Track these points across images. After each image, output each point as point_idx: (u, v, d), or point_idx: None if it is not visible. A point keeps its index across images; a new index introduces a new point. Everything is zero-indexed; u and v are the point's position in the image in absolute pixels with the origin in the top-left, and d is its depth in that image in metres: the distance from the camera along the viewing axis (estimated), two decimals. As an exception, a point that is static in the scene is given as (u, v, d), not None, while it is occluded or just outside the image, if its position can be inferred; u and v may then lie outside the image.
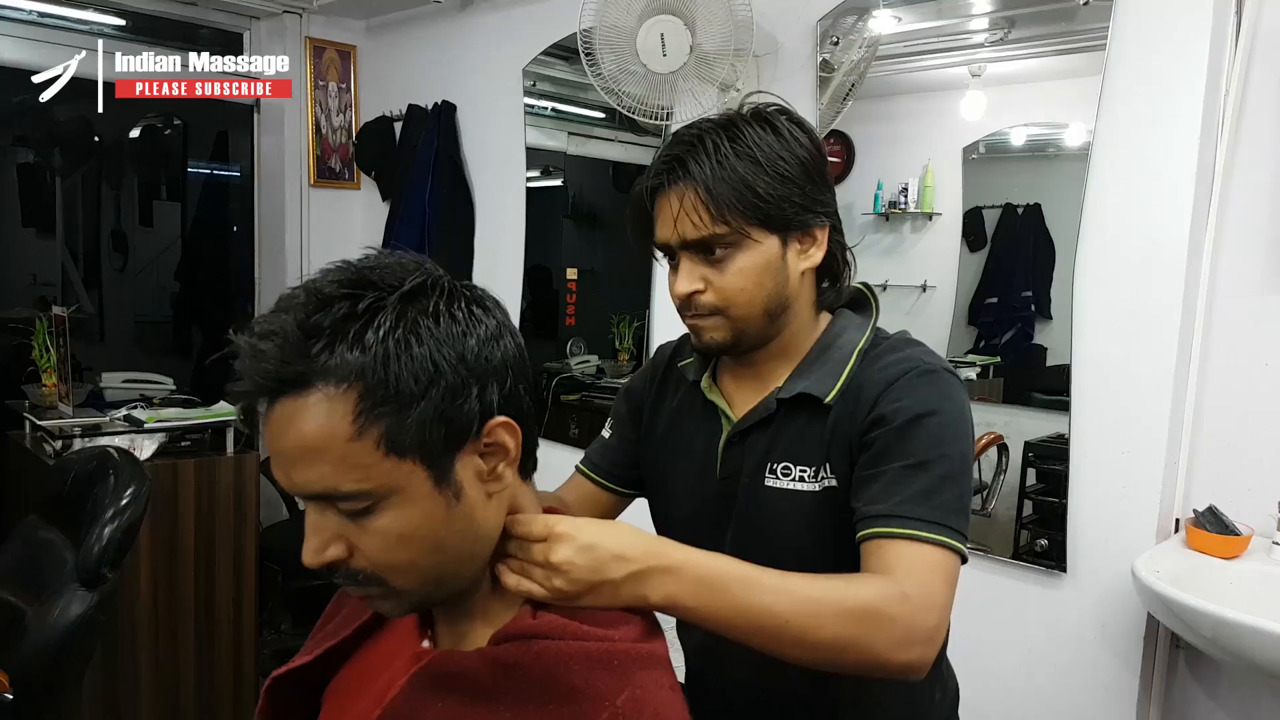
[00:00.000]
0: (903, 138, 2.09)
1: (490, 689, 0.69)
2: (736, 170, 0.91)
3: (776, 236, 0.95)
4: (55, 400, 2.59)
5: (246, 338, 0.64)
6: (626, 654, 0.71)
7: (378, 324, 0.63)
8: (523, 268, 2.85)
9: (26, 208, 3.78)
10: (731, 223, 0.92)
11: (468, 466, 0.68)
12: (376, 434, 0.63)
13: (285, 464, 0.65)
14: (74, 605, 1.54)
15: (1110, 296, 1.73)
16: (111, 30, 2.98)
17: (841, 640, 0.79)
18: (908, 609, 0.81)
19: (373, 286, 0.65)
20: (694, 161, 0.92)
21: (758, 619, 0.78)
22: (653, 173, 0.96)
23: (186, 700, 2.46)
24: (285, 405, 0.63)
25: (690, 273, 0.96)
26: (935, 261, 2.03)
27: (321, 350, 0.62)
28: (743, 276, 0.94)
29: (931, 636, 0.82)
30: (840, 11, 2.07)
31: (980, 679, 1.92)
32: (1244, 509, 1.63)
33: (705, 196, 0.91)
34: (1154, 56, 1.66)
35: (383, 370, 0.62)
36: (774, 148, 0.93)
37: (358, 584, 0.69)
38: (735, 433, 1.02)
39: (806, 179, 0.94)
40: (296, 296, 0.65)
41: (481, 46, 2.93)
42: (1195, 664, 1.74)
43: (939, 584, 0.85)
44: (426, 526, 0.67)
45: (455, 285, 0.70)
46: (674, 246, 0.96)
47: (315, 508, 0.67)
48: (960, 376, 0.97)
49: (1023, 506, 1.90)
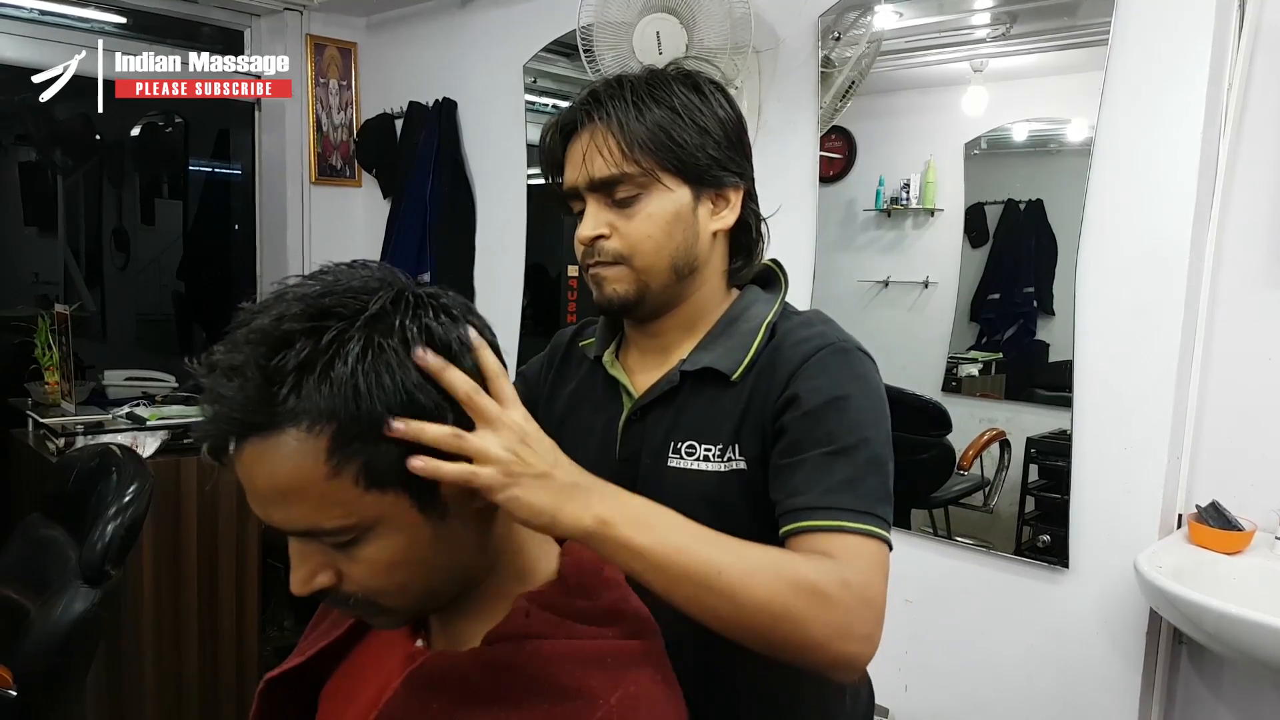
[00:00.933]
0: (904, 133, 2.09)
1: (484, 690, 0.69)
2: (654, 112, 0.90)
3: (689, 187, 0.93)
4: (58, 398, 2.60)
5: (208, 375, 0.61)
6: (619, 652, 0.71)
7: (344, 356, 0.60)
8: (524, 266, 2.85)
9: (29, 206, 3.78)
10: (643, 163, 0.90)
11: (452, 485, 0.66)
12: (354, 471, 0.61)
13: (262, 504, 0.63)
14: (77, 602, 1.54)
15: (1112, 292, 1.72)
16: (112, 28, 2.98)
17: (776, 606, 0.73)
18: (849, 596, 0.76)
19: (334, 316, 0.61)
20: (611, 101, 0.91)
21: (691, 563, 0.72)
22: (566, 115, 0.95)
23: (189, 697, 2.46)
24: (255, 446, 0.61)
25: (596, 216, 0.93)
26: (937, 258, 2.03)
27: (288, 394, 0.59)
28: (650, 223, 0.92)
29: (870, 635, 0.78)
30: (842, 7, 2.06)
31: (982, 675, 1.93)
32: (1247, 504, 1.63)
33: (619, 133, 0.90)
34: (1156, 51, 1.65)
35: (355, 406, 0.60)
36: (695, 103, 0.92)
37: (350, 607, 0.69)
38: (636, 409, 0.97)
39: (724, 138, 0.93)
40: (257, 329, 0.61)
41: (482, 43, 2.93)
42: (1198, 660, 1.73)
43: (878, 579, 0.81)
44: (414, 551, 0.65)
45: (421, 296, 0.66)
46: (581, 189, 0.94)
47: (298, 540, 0.66)
48: (871, 356, 0.94)
49: (1025, 502, 1.90)
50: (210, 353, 0.62)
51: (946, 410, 2.00)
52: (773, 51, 2.16)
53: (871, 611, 0.78)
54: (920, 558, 1.99)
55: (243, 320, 0.62)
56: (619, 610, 0.75)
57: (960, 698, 1.96)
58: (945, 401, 2.00)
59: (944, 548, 1.99)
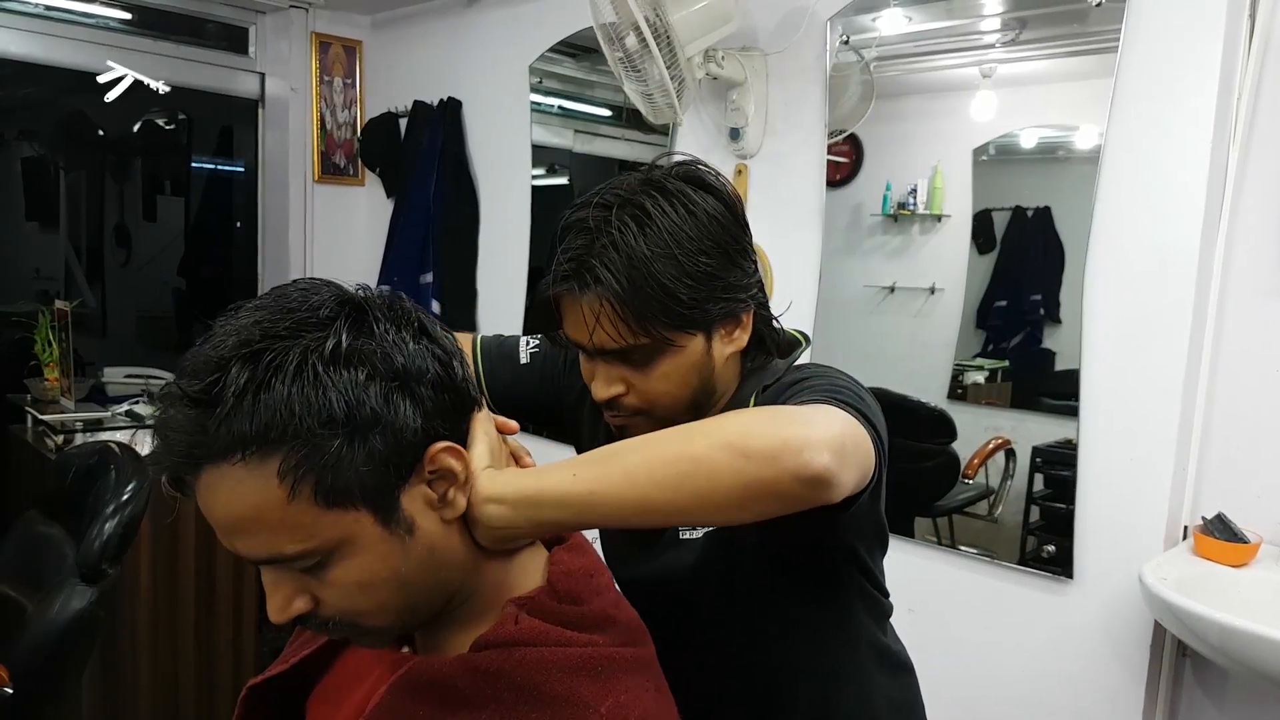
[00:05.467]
0: (912, 138, 2.07)
1: (471, 697, 0.67)
2: (655, 278, 0.82)
3: (702, 335, 0.88)
4: (57, 395, 2.59)
5: (157, 406, 0.62)
6: (610, 660, 0.70)
7: (282, 376, 0.59)
8: (527, 267, 2.84)
9: (30, 202, 3.77)
10: (654, 334, 0.85)
11: (415, 499, 0.65)
12: (308, 491, 0.61)
13: (225, 533, 0.63)
14: (74, 600, 1.53)
15: (1120, 301, 1.72)
16: (117, 24, 2.97)
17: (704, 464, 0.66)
18: (786, 415, 0.71)
19: (272, 337, 0.61)
20: (603, 266, 0.83)
21: (661, 465, 0.67)
22: (559, 276, 0.86)
23: (186, 696, 2.46)
24: (208, 476, 0.61)
25: (608, 375, 0.89)
26: (944, 264, 2.01)
27: (227, 420, 0.59)
28: (667, 380, 0.88)
29: (822, 440, 0.67)
30: (851, 10, 2.06)
31: (986, 685, 1.91)
32: (1252, 516, 1.62)
33: (624, 310, 0.83)
34: (1166, 59, 1.64)
35: (297, 424, 0.59)
36: (689, 235, 0.84)
37: (331, 630, 0.68)
38: None
39: (728, 265, 0.87)
40: (200, 358, 0.61)
41: (488, 43, 2.92)
42: (1202, 672, 1.72)
43: (832, 414, 0.73)
44: (386, 569, 0.65)
45: (365, 302, 0.65)
46: (589, 350, 0.89)
47: (268, 567, 0.65)
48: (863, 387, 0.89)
49: (1029, 512, 1.89)
50: (164, 386, 0.63)
51: (952, 418, 1.98)
52: (779, 55, 2.15)
53: (809, 411, 0.73)
54: (924, 566, 1.98)
55: (192, 352, 0.62)
56: (610, 617, 0.74)
57: (963, 707, 1.95)
58: (950, 409, 1.99)
59: (948, 557, 1.98)
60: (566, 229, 0.88)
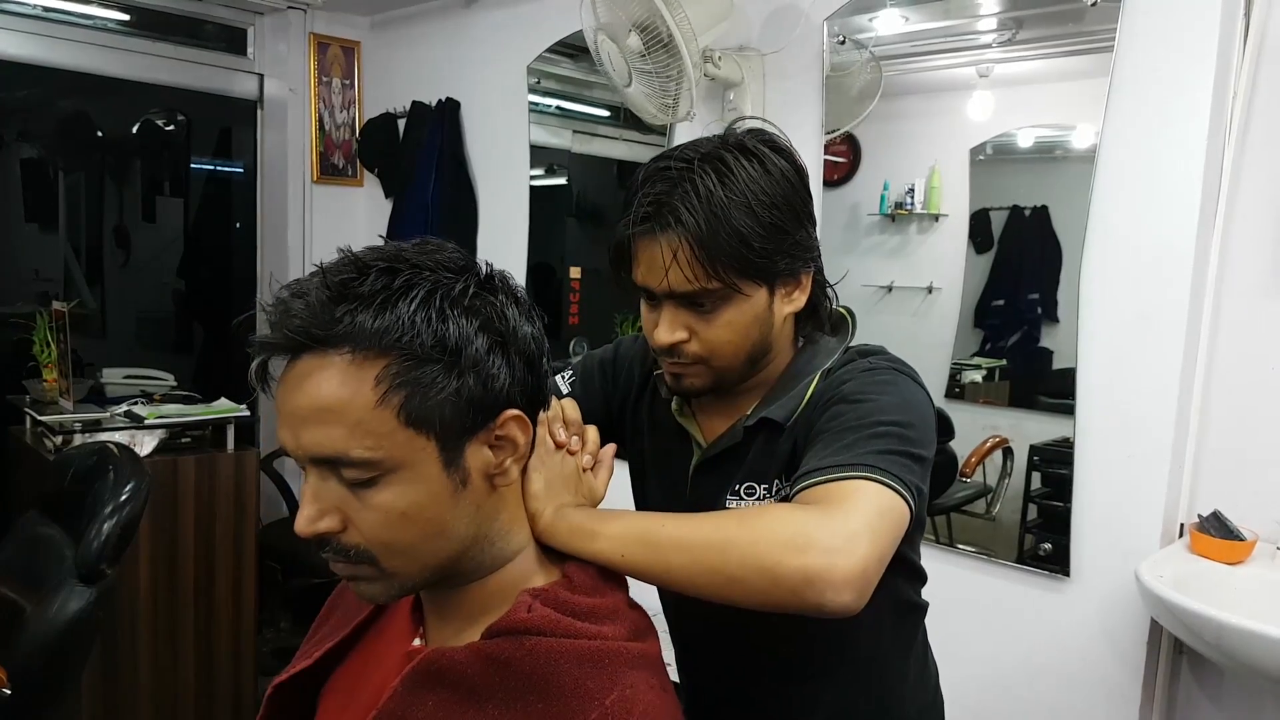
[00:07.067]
0: (909, 138, 2.08)
1: (480, 685, 0.68)
2: (730, 223, 0.87)
3: (765, 288, 0.92)
4: (56, 395, 2.59)
5: (278, 293, 0.65)
6: (617, 653, 0.71)
7: (412, 296, 0.64)
8: (526, 266, 2.85)
9: (30, 203, 3.77)
10: (725, 278, 0.89)
11: (477, 456, 0.69)
12: (397, 403, 0.64)
13: (296, 423, 0.65)
14: (73, 601, 1.53)
15: (1116, 300, 1.72)
16: (116, 25, 2.97)
17: (729, 551, 0.75)
18: (807, 514, 0.77)
19: (410, 264, 0.66)
20: (685, 208, 0.87)
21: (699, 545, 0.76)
22: (639, 216, 0.90)
23: (185, 697, 2.46)
24: (307, 363, 0.64)
25: (674, 321, 0.92)
26: (941, 263, 2.02)
27: (353, 313, 0.63)
28: (730, 329, 0.92)
29: (836, 547, 0.74)
30: (848, 11, 2.06)
31: (983, 683, 1.92)
32: (1248, 514, 1.62)
33: (700, 252, 0.87)
34: (1162, 58, 1.65)
35: (412, 341, 0.63)
36: (764, 189, 0.89)
37: (348, 560, 0.68)
38: (704, 460, 1.02)
39: (796, 224, 0.92)
40: (338, 260, 0.66)
41: (486, 43, 2.93)
42: (1199, 669, 1.73)
43: (861, 505, 0.78)
44: (430, 508, 0.67)
45: (492, 272, 0.71)
46: (658, 294, 0.92)
47: (317, 474, 0.66)
48: (919, 379, 0.96)
49: (1027, 510, 1.89)
50: (293, 282, 0.67)
51: (949, 416, 1.98)
52: (778, 55, 2.15)
53: (840, 525, 0.76)
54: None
55: (321, 266, 0.67)
56: (620, 611, 0.75)
57: (960, 706, 1.95)
58: (948, 408, 1.99)
59: (945, 555, 1.98)
60: (647, 178, 0.91)
